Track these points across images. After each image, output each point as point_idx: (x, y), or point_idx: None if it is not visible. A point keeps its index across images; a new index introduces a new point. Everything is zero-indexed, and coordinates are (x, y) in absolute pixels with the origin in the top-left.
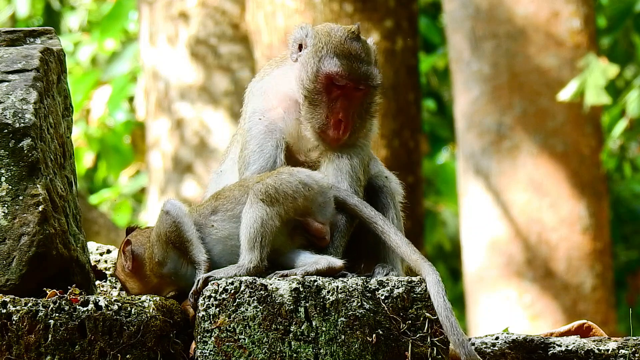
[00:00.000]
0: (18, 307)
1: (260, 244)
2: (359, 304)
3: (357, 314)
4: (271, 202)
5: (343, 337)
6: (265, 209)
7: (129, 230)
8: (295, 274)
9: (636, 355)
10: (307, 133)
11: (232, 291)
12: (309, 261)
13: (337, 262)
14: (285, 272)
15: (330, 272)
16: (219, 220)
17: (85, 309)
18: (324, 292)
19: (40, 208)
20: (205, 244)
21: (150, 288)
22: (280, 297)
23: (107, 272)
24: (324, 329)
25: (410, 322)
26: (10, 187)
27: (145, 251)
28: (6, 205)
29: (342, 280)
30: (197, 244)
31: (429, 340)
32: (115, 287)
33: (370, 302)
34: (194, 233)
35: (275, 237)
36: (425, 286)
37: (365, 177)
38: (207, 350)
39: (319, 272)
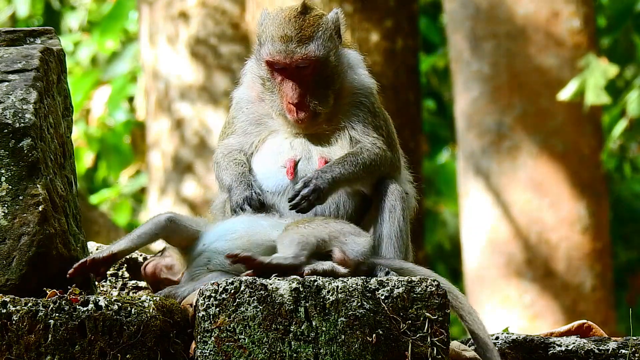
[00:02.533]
0: (18, 307)
1: (301, 247)
2: (359, 304)
3: (357, 314)
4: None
5: (343, 337)
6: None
7: None
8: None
9: (636, 355)
10: (275, 122)
11: (232, 291)
12: (314, 261)
13: (341, 270)
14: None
15: (332, 276)
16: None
17: (85, 309)
18: (324, 292)
19: (40, 208)
20: None
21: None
22: (280, 297)
23: (107, 272)
24: (324, 329)
25: (410, 322)
26: (10, 187)
27: None
28: (6, 205)
29: (342, 280)
30: None
31: (429, 340)
32: (115, 287)
33: (370, 302)
34: None
35: None
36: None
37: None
38: (207, 350)
39: (324, 272)
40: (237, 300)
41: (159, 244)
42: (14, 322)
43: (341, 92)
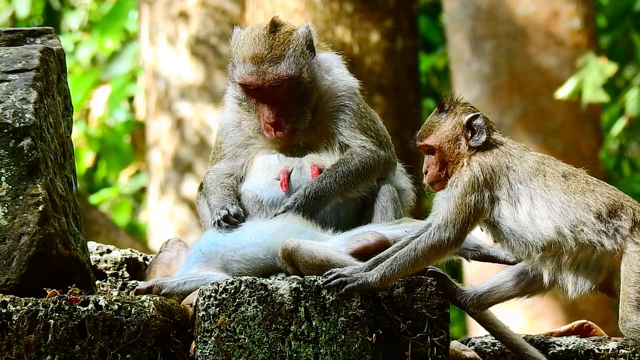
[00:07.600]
0: (18, 307)
1: None
2: (359, 303)
3: (357, 313)
4: None
5: (343, 337)
6: None
7: None
8: None
9: (636, 355)
10: (256, 140)
11: (232, 291)
12: None
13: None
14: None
15: None
16: None
17: (85, 308)
18: (324, 292)
19: (40, 208)
20: None
21: None
22: (280, 297)
23: (107, 272)
24: (324, 328)
25: (410, 322)
26: (10, 186)
27: None
28: (6, 205)
29: None
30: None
31: (429, 340)
32: (115, 287)
33: (370, 302)
34: None
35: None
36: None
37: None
38: (207, 350)
39: None
40: (237, 300)
41: (157, 244)
42: (14, 322)
43: (321, 100)
